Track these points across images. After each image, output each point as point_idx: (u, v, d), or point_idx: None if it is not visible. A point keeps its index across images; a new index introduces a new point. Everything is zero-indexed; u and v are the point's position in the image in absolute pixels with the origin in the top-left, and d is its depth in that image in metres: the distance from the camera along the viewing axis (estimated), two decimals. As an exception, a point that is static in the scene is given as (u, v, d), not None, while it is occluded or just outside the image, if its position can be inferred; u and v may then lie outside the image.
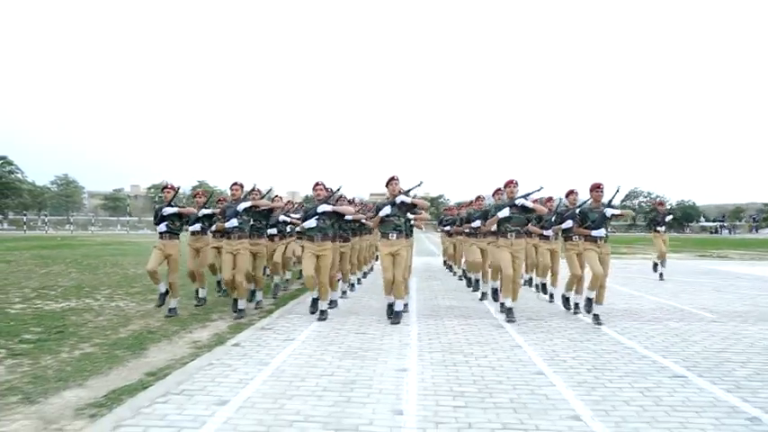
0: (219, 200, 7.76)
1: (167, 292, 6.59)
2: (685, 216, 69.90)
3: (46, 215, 58.28)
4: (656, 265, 11.05)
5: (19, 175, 64.63)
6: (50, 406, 3.34)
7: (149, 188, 78.56)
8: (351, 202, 8.69)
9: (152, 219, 6.91)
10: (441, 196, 79.91)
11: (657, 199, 70.26)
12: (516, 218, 6.06)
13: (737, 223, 70.35)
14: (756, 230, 66.24)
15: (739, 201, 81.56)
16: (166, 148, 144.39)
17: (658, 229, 11.01)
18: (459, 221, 9.78)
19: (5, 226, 58.43)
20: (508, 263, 6.01)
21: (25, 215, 55.14)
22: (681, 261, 16.69)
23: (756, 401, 3.46)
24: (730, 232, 64.12)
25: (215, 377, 3.88)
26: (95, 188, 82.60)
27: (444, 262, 13.85)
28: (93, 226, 57.15)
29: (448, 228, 11.68)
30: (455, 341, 5.16)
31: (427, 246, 27.83)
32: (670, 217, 11.21)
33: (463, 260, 10.06)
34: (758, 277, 11.87)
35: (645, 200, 72.41)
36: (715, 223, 68.86)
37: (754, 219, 72.02)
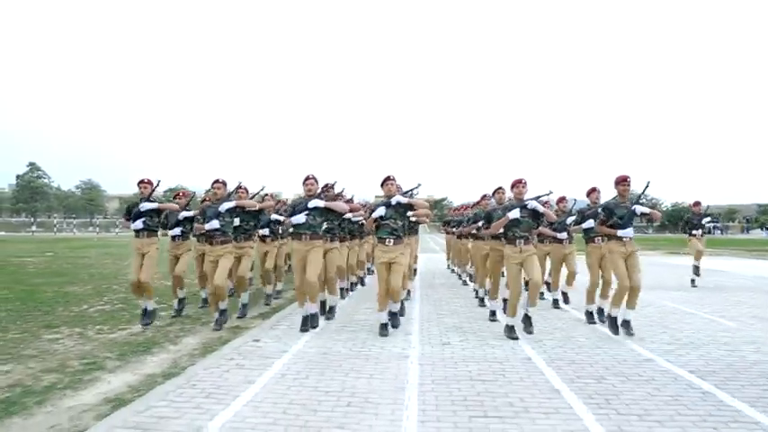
0: (204, 200, 7.22)
1: (149, 311, 6.13)
2: (680, 218, 72.51)
3: (74, 218, 61.90)
4: (693, 280, 10.10)
5: (46, 180, 68.56)
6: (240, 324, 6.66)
7: (166, 191, 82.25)
8: (349, 203, 7.90)
9: (127, 216, 6.33)
10: (444, 198, 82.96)
11: (656, 200, 72.82)
12: (525, 222, 5.46)
13: (730, 224, 73.00)
14: (747, 231, 68.87)
15: (740, 201, 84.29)
16: (178, 152, 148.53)
17: (694, 232, 10.03)
18: (466, 222, 9.00)
19: (34, 228, 62.27)
20: (517, 279, 5.50)
21: (55, 218, 58.91)
22: (649, 257, 19.81)
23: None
24: (722, 232, 66.68)
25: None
26: (111, 191, 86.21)
27: (449, 266, 13.63)
28: (117, 228, 60.73)
29: (454, 229, 11.29)
30: (442, 299, 8.47)
31: (431, 246, 31.05)
32: (707, 219, 10.15)
33: (469, 265, 9.87)
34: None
35: (640, 201, 75.08)
36: (709, 224, 71.57)
37: (747, 220, 74.73)
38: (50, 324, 6.16)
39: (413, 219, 5.92)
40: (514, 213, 5.40)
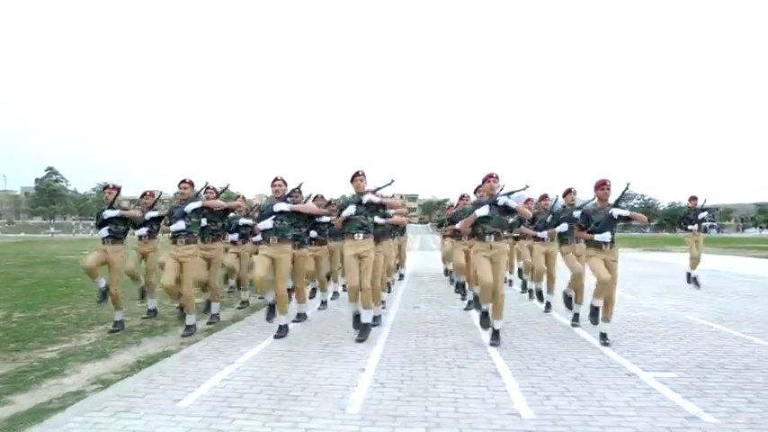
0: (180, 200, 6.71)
1: (108, 290, 6.03)
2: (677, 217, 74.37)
3: (91, 219, 64.66)
4: (689, 275, 10.10)
5: (63, 184, 71.45)
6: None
7: (176, 194, 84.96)
8: (330, 204, 7.63)
9: (96, 221, 6.37)
10: (447, 200, 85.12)
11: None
12: (496, 219, 5.27)
13: (726, 223, 74.87)
14: (743, 230, 70.68)
15: (738, 201, 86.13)
16: (185, 154, 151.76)
17: (690, 228, 9.96)
18: (446, 222, 9.09)
19: (53, 230, 65.13)
20: (486, 270, 5.22)
21: (73, 220, 61.73)
22: (626, 254, 22.06)
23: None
24: (718, 231, 68.45)
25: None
26: (124, 194, 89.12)
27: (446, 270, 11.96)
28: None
29: (439, 228, 11.67)
30: (423, 282, 10.83)
31: (430, 245, 33.36)
32: (704, 214, 10.01)
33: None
34: (649, 261, 17.35)
35: (638, 201, 77.13)
36: (706, 223, 73.34)
37: (742, 219, 76.59)
38: (134, 297, 8.55)
39: (381, 221, 5.84)
40: (483, 211, 5.24)
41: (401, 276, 11.72)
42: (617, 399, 3.67)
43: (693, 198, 10.15)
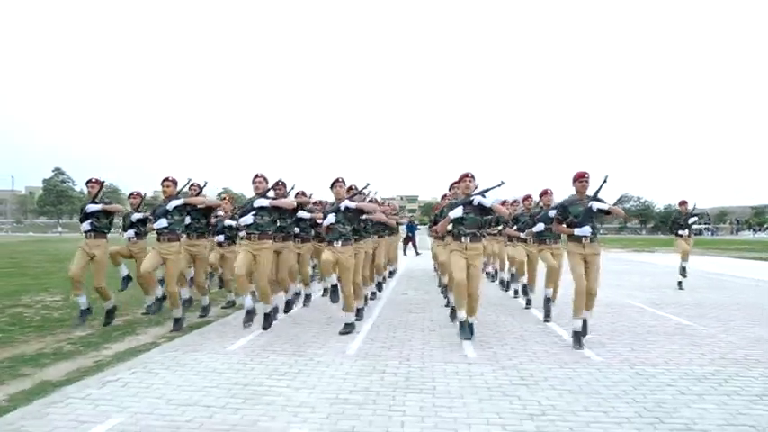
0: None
1: (89, 309, 6.25)
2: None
3: (98, 219, 66.28)
4: (680, 282, 10.16)
5: (70, 184, 73.07)
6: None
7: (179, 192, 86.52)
8: (319, 204, 7.85)
9: (80, 217, 6.33)
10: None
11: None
12: (472, 219, 5.22)
13: (720, 225, 76.15)
14: (737, 232, 71.95)
15: (734, 203, 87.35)
16: (188, 154, 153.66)
17: (680, 232, 10.23)
18: (431, 223, 9.00)
19: (61, 230, 66.70)
20: (459, 268, 5.20)
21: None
22: (613, 254, 23.44)
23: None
24: (712, 234, 69.66)
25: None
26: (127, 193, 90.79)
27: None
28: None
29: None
30: (414, 277, 12.28)
31: (428, 245, 34.75)
32: (694, 219, 10.22)
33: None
34: (630, 260, 18.77)
35: (635, 204, 78.54)
36: (700, 226, 74.71)
37: (737, 221, 77.87)
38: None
39: (366, 217, 6.14)
40: (456, 212, 5.22)
41: (391, 274, 12.52)
42: (539, 348, 5.12)
43: (683, 203, 10.39)
